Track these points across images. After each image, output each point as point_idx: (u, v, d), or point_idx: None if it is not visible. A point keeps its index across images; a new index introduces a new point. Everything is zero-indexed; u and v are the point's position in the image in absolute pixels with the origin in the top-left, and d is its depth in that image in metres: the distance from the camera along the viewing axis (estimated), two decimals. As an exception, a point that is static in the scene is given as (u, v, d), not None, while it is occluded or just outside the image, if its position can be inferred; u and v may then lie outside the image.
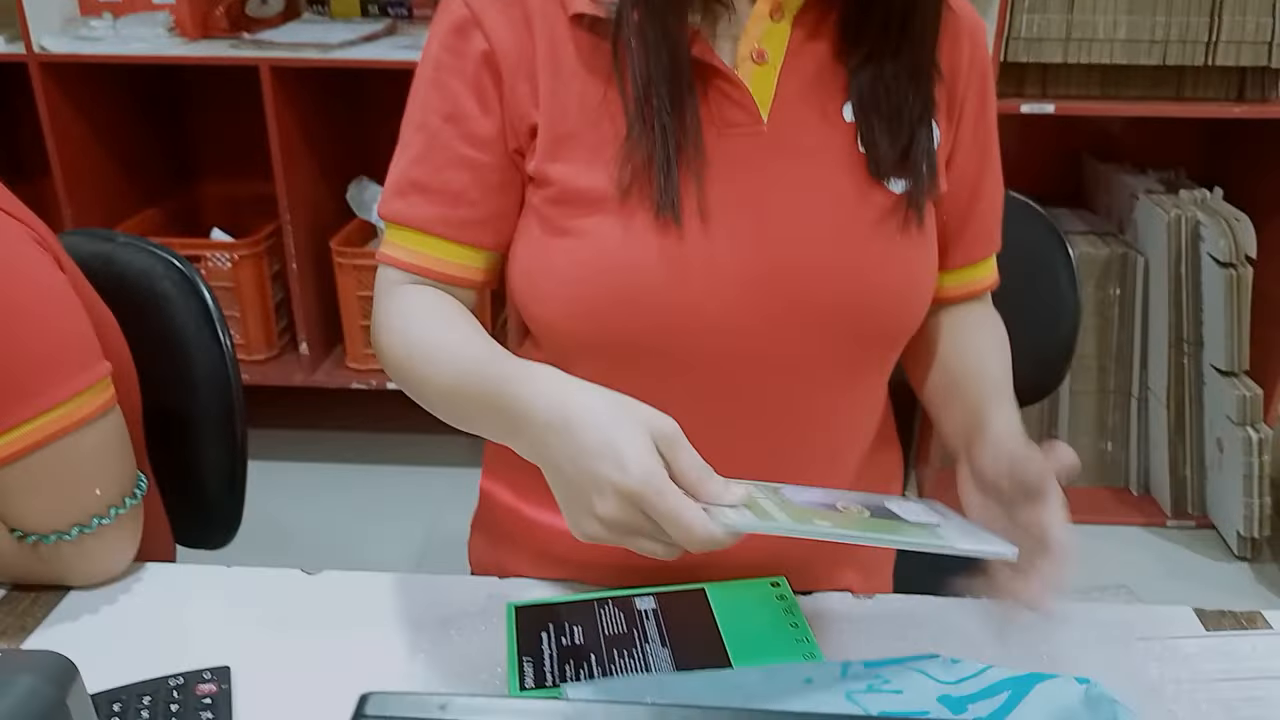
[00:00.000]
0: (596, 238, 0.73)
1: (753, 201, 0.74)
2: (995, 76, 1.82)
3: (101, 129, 2.12)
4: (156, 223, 2.23)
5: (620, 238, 0.73)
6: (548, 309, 0.77)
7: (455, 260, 0.79)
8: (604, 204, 0.73)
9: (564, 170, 0.75)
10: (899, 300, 0.79)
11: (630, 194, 0.72)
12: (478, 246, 0.79)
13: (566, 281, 0.75)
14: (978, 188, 0.85)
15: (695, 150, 0.73)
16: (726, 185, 0.74)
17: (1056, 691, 0.67)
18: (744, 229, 0.74)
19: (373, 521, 2.13)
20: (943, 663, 0.71)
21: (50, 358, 0.77)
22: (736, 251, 0.74)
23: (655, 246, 0.72)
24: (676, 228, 0.72)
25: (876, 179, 0.77)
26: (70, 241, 0.98)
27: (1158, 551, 2.06)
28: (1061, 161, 2.30)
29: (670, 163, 0.71)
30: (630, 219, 0.73)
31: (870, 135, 0.76)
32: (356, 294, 2.13)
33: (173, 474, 1.02)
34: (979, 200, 0.85)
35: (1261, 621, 0.79)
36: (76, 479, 0.79)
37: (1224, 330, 1.94)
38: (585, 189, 0.74)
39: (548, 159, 0.75)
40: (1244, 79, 1.87)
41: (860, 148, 0.77)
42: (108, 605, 0.82)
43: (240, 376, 1.02)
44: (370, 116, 2.34)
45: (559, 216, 0.75)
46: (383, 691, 0.28)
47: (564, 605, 0.77)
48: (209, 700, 0.69)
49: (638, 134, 0.72)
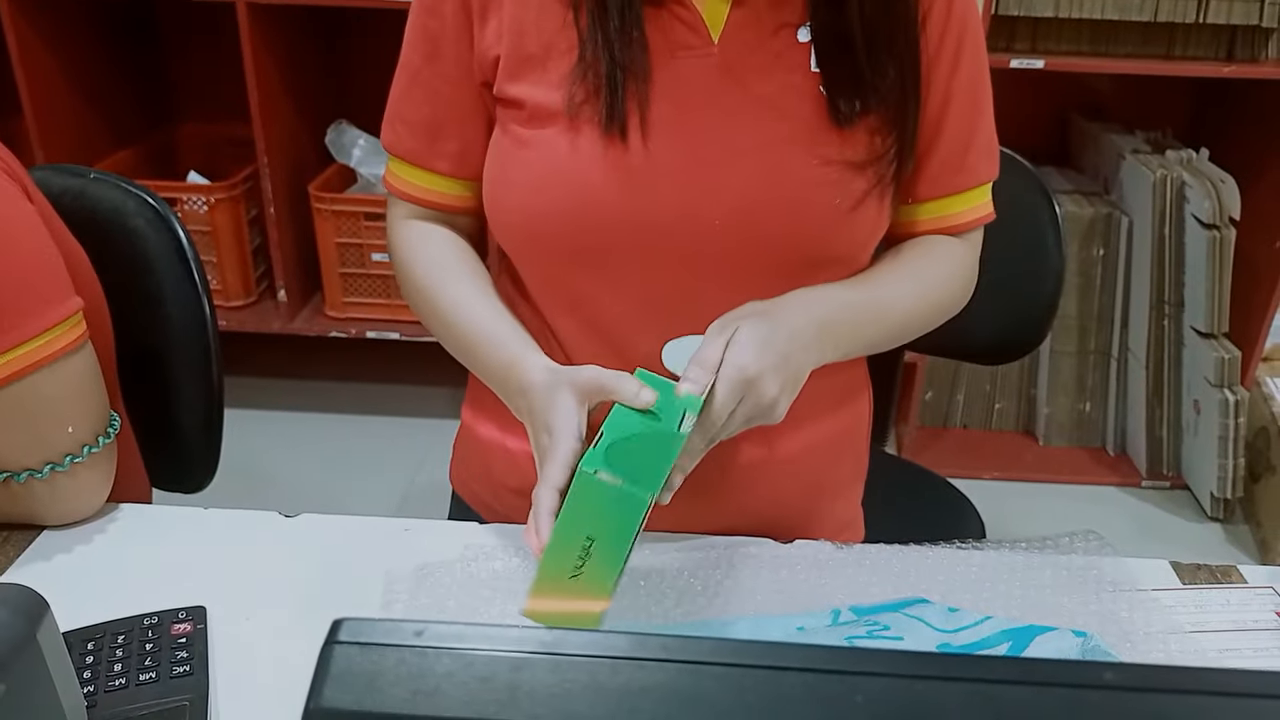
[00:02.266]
0: (549, 150, 0.77)
1: (696, 121, 0.77)
2: (986, 28, 1.80)
3: (74, 67, 2.06)
4: (131, 164, 2.19)
5: (569, 152, 0.77)
6: (507, 218, 0.81)
7: (437, 189, 0.86)
8: (557, 120, 0.77)
9: (524, 90, 0.79)
10: (830, 226, 0.78)
11: (581, 111, 0.76)
12: (455, 177, 0.85)
13: (523, 192, 0.79)
14: (942, 111, 0.81)
15: (642, 70, 0.76)
16: (673, 105, 0.76)
17: (1054, 644, 0.67)
18: (684, 147, 0.76)
19: (352, 472, 2.13)
20: (939, 610, 0.71)
21: (19, 291, 0.75)
22: (677, 168, 0.76)
23: (601, 161, 0.76)
24: (622, 143, 0.76)
25: (830, 101, 0.76)
26: (40, 176, 0.95)
27: (1132, 511, 2.08)
28: (1049, 119, 2.28)
29: (617, 82, 0.75)
30: (579, 134, 0.77)
31: (825, 54, 0.77)
32: (335, 240, 2.10)
33: (149, 415, 1.00)
34: (944, 126, 0.82)
35: (1237, 575, 0.80)
36: (48, 416, 0.78)
37: (1205, 292, 1.94)
38: (542, 105, 0.78)
39: (509, 79, 0.79)
40: (1234, 38, 1.86)
41: (814, 67, 0.77)
42: (82, 545, 0.81)
43: (216, 314, 1.00)
44: (351, 60, 2.29)
45: (519, 131, 0.79)
46: (356, 618, 0.27)
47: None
48: (184, 640, 0.68)
49: (590, 54, 0.76)
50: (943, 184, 0.84)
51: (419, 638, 0.26)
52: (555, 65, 0.77)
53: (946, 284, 0.86)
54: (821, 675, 0.25)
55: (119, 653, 0.67)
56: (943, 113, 0.82)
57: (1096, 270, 2.08)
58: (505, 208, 0.81)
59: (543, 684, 0.25)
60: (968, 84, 0.82)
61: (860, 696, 0.25)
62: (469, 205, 0.87)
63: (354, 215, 2.08)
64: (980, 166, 0.85)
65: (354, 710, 0.25)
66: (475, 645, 0.26)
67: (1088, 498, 2.11)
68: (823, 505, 0.93)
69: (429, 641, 0.26)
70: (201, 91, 2.37)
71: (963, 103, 0.82)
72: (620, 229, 0.77)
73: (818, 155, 0.77)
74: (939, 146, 0.83)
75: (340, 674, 0.26)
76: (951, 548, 0.81)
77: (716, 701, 0.25)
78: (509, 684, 0.25)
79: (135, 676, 0.65)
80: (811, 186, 0.77)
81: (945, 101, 0.81)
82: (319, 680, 0.26)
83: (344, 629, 0.27)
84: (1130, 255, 2.05)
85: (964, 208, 0.86)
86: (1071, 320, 2.12)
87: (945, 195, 0.85)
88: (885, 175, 0.79)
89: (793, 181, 0.77)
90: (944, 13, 0.79)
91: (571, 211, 0.77)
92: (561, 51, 0.77)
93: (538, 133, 0.78)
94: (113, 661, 0.66)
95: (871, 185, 0.78)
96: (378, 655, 0.26)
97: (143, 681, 0.65)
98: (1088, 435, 2.21)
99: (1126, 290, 2.08)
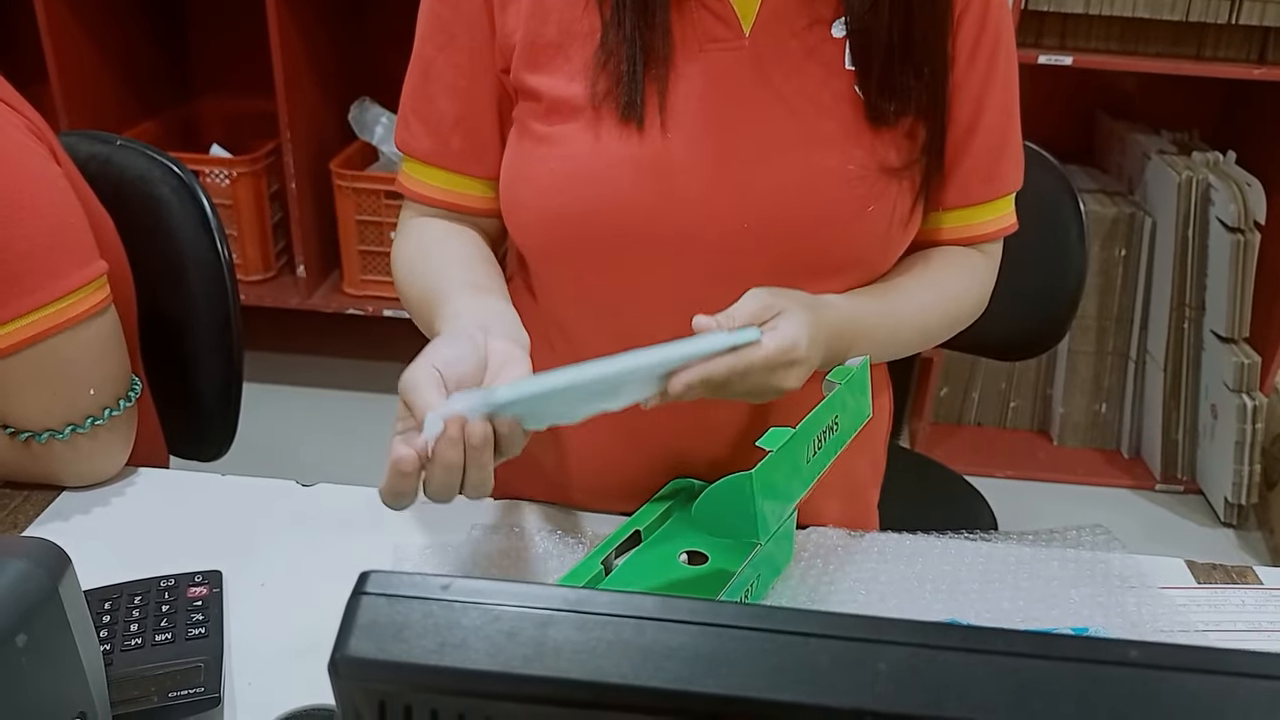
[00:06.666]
0: (568, 144, 0.74)
1: (724, 115, 0.74)
2: (1015, 23, 1.78)
3: (101, 37, 2.07)
4: (154, 135, 2.20)
5: (590, 144, 0.74)
6: (524, 216, 0.78)
7: (454, 189, 0.82)
8: (579, 113, 0.74)
9: (544, 81, 0.75)
10: (860, 231, 0.76)
11: (602, 102, 0.73)
12: (472, 175, 0.81)
13: (540, 189, 0.76)
14: (975, 119, 0.79)
15: (664, 57, 0.73)
16: (700, 98, 0.74)
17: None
18: (709, 142, 0.74)
19: (367, 448, 2.12)
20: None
21: (46, 251, 0.76)
22: (699, 163, 0.74)
23: (624, 158, 0.73)
24: (640, 133, 0.73)
25: (866, 100, 0.74)
26: (68, 141, 0.96)
27: (1145, 514, 2.07)
28: (1075, 117, 2.27)
29: (636, 67, 0.72)
30: (599, 125, 0.74)
31: (860, 51, 0.74)
32: (355, 217, 2.11)
33: (169, 382, 1.01)
34: (975, 133, 0.80)
35: (1253, 576, 0.80)
36: (70, 377, 0.79)
37: (1227, 296, 1.93)
38: (563, 99, 0.74)
39: (527, 68, 0.76)
40: (1266, 40, 1.84)
41: (848, 64, 0.75)
42: (100, 506, 0.82)
43: (237, 284, 1.01)
44: (375, 37, 2.29)
45: (538, 126, 0.76)
46: (383, 570, 0.27)
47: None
48: (200, 602, 0.69)
49: (612, 39, 0.73)
50: (971, 192, 0.82)
51: (446, 591, 0.27)
52: (576, 53, 0.74)
53: (963, 298, 0.85)
54: (845, 642, 0.25)
55: (135, 613, 0.68)
56: (975, 120, 0.80)
57: (1118, 271, 2.07)
58: (522, 206, 0.78)
59: (569, 641, 0.25)
60: (1001, 92, 0.80)
61: (883, 664, 0.25)
62: (490, 206, 0.82)
63: (374, 193, 2.09)
64: (1008, 176, 0.83)
65: (380, 659, 0.25)
66: (502, 600, 0.26)
67: (1101, 499, 2.10)
68: (837, 506, 0.91)
69: (456, 595, 0.27)
70: (226, 65, 2.38)
71: (995, 111, 0.80)
72: (643, 229, 0.74)
73: (850, 157, 0.74)
74: (969, 154, 0.80)
75: (367, 624, 0.26)
76: (960, 538, 0.81)
77: (740, 664, 0.25)
78: (535, 639, 0.25)
79: (151, 637, 0.66)
80: (844, 189, 0.74)
81: (978, 109, 0.79)
82: (345, 629, 0.26)
83: (371, 581, 0.27)
84: (1152, 257, 2.04)
85: (989, 217, 0.84)
86: (1090, 320, 2.11)
87: (972, 204, 0.83)
88: (916, 180, 0.77)
89: (824, 184, 0.74)
90: (979, 18, 0.77)
91: (593, 211, 0.74)
92: (582, 38, 0.74)
93: (557, 128, 0.75)
94: (129, 621, 0.67)
95: (903, 190, 0.76)
96: (405, 607, 0.26)
97: (159, 642, 0.65)
98: (1103, 436, 2.20)
99: (1147, 292, 2.07)
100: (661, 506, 0.79)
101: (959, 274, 0.84)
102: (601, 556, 0.72)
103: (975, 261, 0.85)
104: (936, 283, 0.83)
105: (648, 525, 0.77)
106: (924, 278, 0.83)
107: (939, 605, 0.74)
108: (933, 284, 0.83)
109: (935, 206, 0.82)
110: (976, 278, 0.86)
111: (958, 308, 0.84)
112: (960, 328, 0.86)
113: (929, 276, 0.83)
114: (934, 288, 0.83)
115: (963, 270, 0.85)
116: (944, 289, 0.83)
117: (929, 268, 0.83)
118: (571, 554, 0.77)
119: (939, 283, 0.83)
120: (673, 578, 0.73)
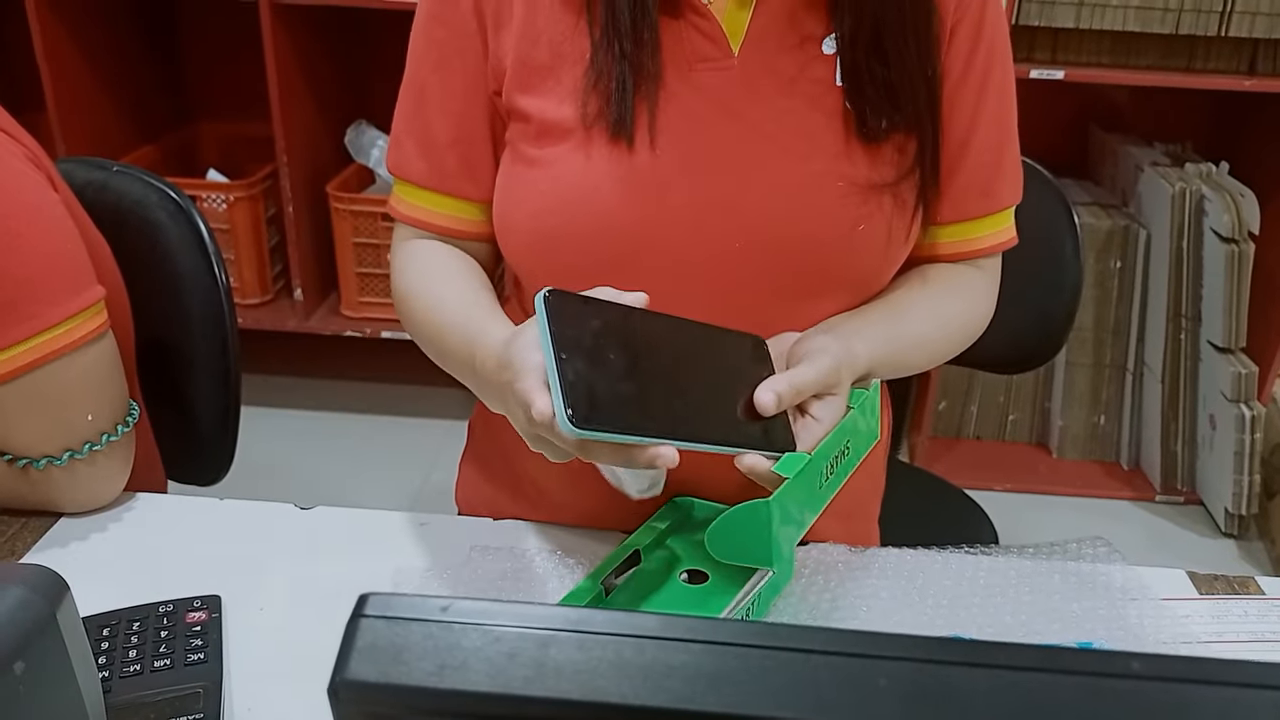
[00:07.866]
0: (558, 166, 0.74)
1: (711, 134, 0.74)
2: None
3: (98, 62, 2.08)
4: (151, 160, 2.20)
5: (580, 165, 0.74)
6: (517, 239, 0.78)
7: (446, 212, 0.82)
8: (570, 135, 0.74)
9: (534, 103, 0.75)
10: (853, 249, 0.76)
11: (593, 123, 0.73)
12: (466, 198, 0.81)
13: (531, 213, 0.76)
14: (969, 133, 0.79)
15: (654, 76, 0.73)
16: (691, 119, 0.74)
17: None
18: (698, 161, 0.74)
19: (365, 471, 2.13)
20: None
21: (43, 278, 0.76)
22: (688, 183, 0.73)
23: (610, 172, 0.73)
24: (630, 153, 0.73)
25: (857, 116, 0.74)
26: (65, 168, 0.96)
27: (1145, 525, 2.07)
28: (1068, 131, 2.28)
29: (626, 86, 0.72)
30: (590, 146, 0.74)
31: (850, 67, 0.74)
32: (352, 240, 2.11)
33: (166, 406, 1.01)
34: (970, 148, 0.79)
35: (1255, 587, 0.79)
36: (68, 403, 0.79)
37: (1223, 306, 1.93)
38: (554, 121, 0.75)
39: (518, 90, 0.76)
40: (1256, 51, 1.86)
41: (839, 81, 0.75)
42: (98, 533, 0.82)
43: (235, 308, 1.01)
44: (371, 59, 2.30)
45: (529, 149, 0.76)
46: (382, 592, 0.27)
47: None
48: (199, 628, 0.69)
49: (601, 58, 0.73)
50: (968, 207, 0.82)
51: (445, 613, 0.26)
52: (566, 74, 0.74)
53: (963, 317, 0.85)
54: (847, 659, 0.25)
55: (134, 639, 0.67)
56: (969, 134, 0.79)
57: (1113, 283, 2.07)
58: (515, 229, 0.77)
59: (570, 661, 0.25)
60: (995, 107, 0.80)
61: (884, 680, 0.25)
62: (483, 230, 0.82)
63: (371, 215, 2.09)
64: (1005, 191, 0.83)
65: (380, 683, 0.25)
66: (502, 621, 0.26)
67: (1101, 511, 2.09)
68: (838, 523, 0.90)
69: (455, 617, 0.26)
70: (222, 90, 2.39)
71: (990, 126, 0.80)
72: (634, 249, 0.74)
73: (842, 174, 0.74)
74: (964, 169, 0.80)
75: (366, 647, 0.26)
76: (960, 552, 0.81)
77: (741, 682, 0.25)
78: (535, 660, 0.25)
79: (150, 663, 0.65)
80: (836, 206, 0.74)
81: (972, 123, 0.79)
82: (345, 652, 0.26)
83: (370, 603, 0.27)
84: (1148, 268, 2.05)
85: (987, 231, 0.84)
86: (1087, 332, 2.11)
87: (969, 219, 0.82)
88: (911, 196, 0.77)
89: (816, 201, 0.74)
90: (973, 33, 0.77)
91: (583, 233, 0.74)
92: (573, 60, 0.74)
93: (547, 151, 0.75)
94: (128, 648, 0.66)
95: (897, 206, 0.76)
96: (404, 629, 0.26)
97: (158, 668, 0.65)
98: (1102, 448, 2.20)
99: (1143, 303, 2.07)
100: (660, 525, 0.79)
101: (959, 294, 0.84)
102: (601, 576, 0.72)
103: (975, 281, 0.85)
104: (936, 305, 0.83)
105: (647, 545, 0.76)
106: (925, 301, 0.82)
107: (941, 620, 0.74)
108: (932, 307, 0.82)
109: (932, 221, 0.81)
110: (977, 298, 0.85)
111: (957, 329, 0.84)
112: (961, 349, 0.86)
113: (930, 300, 0.82)
114: (934, 311, 0.82)
115: (962, 291, 0.84)
116: (944, 311, 0.83)
117: (928, 290, 0.83)
118: (571, 574, 0.77)
119: (939, 305, 0.83)
120: (673, 597, 0.73)
